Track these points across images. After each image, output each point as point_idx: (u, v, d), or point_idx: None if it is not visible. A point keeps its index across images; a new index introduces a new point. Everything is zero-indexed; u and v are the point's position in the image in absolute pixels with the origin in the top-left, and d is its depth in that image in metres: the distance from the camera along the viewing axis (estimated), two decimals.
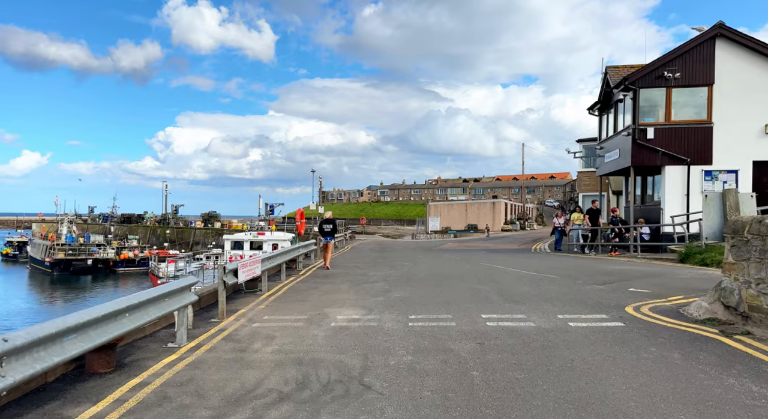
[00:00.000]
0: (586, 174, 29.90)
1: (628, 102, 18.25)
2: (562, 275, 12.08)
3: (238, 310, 8.53)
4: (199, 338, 6.60)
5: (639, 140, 17.65)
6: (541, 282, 10.95)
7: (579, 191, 30.51)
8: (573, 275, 12.03)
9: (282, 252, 11.97)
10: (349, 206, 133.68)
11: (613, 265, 13.95)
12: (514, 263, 15.82)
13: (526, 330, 6.74)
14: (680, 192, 17.31)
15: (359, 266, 16.07)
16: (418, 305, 8.58)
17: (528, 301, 8.75)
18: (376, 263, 17.19)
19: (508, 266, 14.46)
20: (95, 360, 5.09)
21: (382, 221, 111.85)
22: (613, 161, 20.05)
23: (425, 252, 23.97)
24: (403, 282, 11.60)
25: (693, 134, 17.22)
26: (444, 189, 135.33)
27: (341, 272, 14.27)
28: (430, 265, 15.90)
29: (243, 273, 8.38)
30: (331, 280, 12.33)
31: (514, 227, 59.06)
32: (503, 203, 59.92)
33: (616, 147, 19.58)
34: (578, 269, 13.36)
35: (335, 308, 8.55)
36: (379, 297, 9.53)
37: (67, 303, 42.54)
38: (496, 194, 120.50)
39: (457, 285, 10.84)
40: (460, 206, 59.49)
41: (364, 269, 14.83)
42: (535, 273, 12.51)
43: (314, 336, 6.60)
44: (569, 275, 12.03)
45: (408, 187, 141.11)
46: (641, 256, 15.97)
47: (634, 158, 17.81)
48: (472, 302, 8.74)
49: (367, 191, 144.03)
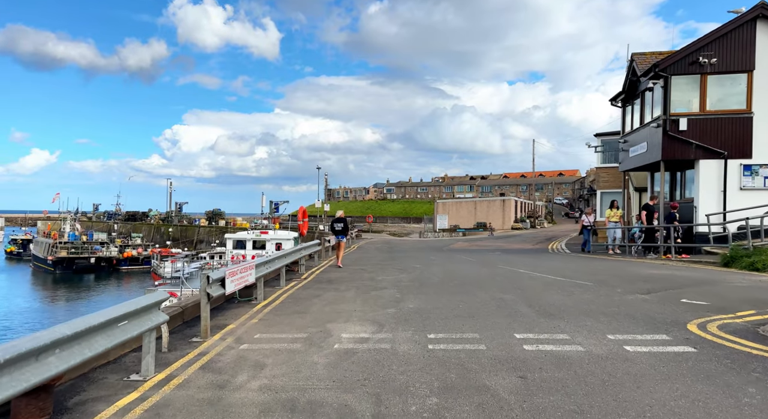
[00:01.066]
0: (604, 170, 28.43)
1: (658, 91, 16.83)
2: (594, 281, 10.75)
3: (226, 325, 7.30)
4: (172, 366, 5.37)
5: (670, 132, 16.22)
6: (572, 290, 9.63)
7: (597, 188, 29.05)
8: (607, 281, 10.70)
9: (281, 255, 10.73)
10: (355, 203, 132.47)
11: (648, 269, 12.59)
12: (535, 265, 14.50)
13: (574, 356, 5.45)
14: (716, 189, 15.88)
15: (366, 268, 14.82)
16: (436, 320, 7.31)
17: (565, 315, 7.45)
18: (384, 265, 15.93)
19: (530, 270, 13.15)
20: (23, 406, 3.87)
21: (388, 219, 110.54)
22: (639, 155, 18.63)
23: (436, 253, 22.67)
24: (416, 289, 10.33)
25: (730, 125, 15.78)
26: (451, 187, 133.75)
27: (347, 276, 13.02)
28: (443, 268, 14.62)
29: (232, 282, 7.15)
30: (335, 286, 11.09)
31: (525, 226, 57.58)
32: (513, 201, 58.44)
33: (643, 140, 18.16)
34: (610, 273, 12.02)
35: (340, 322, 7.30)
36: (390, 309, 8.27)
37: (69, 303, 41.71)
38: (504, 191, 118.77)
39: (478, 293, 9.55)
40: (469, 204, 58.09)
41: (371, 273, 13.58)
42: (563, 279, 11.19)
43: (313, 365, 5.35)
44: (602, 281, 10.70)
45: (414, 184, 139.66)
46: (675, 258, 14.58)
47: (664, 152, 16.39)
48: (500, 316, 7.45)
49: (374, 188, 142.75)
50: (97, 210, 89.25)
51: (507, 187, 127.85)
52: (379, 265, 15.95)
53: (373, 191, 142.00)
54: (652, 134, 17.30)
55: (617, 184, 28.19)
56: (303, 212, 14.11)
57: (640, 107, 18.88)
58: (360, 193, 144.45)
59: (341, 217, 15.57)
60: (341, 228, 15.07)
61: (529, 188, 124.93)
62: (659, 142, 16.57)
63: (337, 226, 15.08)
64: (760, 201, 15.04)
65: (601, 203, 28.76)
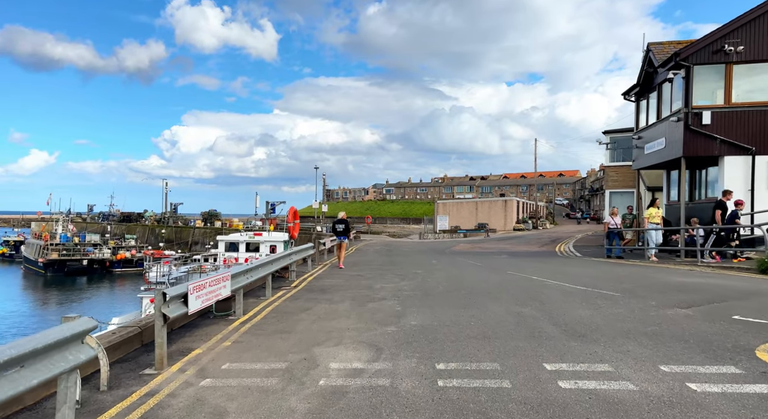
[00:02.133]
0: (614, 169, 27.21)
1: (678, 82, 15.60)
2: (620, 290, 9.51)
3: (191, 349, 6.05)
4: (104, 414, 4.12)
5: (692, 126, 15.00)
6: (598, 302, 8.39)
7: (606, 187, 27.83)
8: (634, 290, 9.46)
9: (265, 262, 9.48)
10: (354, 204, 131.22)
11: (676, 276, 11.35)
12: (548, 271, 13.26)
13: (628, 399, 4.20)
14: (742, 187, 14.66)
15: (363, 274, 13.57)
16: (445, 342, 6.07)
17: (599, 336, 6.21)
18: (383, 270, 14.68)
19: (543, 276, 11.90)
20: None
21: (387, 220, 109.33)
22: (656, 152, 17.41)
23: (438, 256, 21.42)
24: (419, 300, 9.09)
25: (758, 118, 14.56)
26: (450, 187, 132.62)
27: (342, 283, 11.78)
28: (447, 274, 13.37)
29: (197, 299, 5.89)
30: (328, 296, 9.84)
31: (527, 227, 56.34)
32: (515, 202, 57.23)
33: (661, 136, 16.94)
34: (635, 281, 10.78)
35: (329, 346, 6.06)
36: (390, 326, 7.03)
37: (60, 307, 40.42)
38: (504, 192, 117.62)
39: (491, 306, 8.30)
40: (470, 205, 56.87)
41: (369, 279, 12.34)
42: (584, 288, 9.94)
43: (290, 413, 4.10)
44: (629, 291, 9.46)
45: (414, 185, 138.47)
46: (702, 263, 13.33)
47: (686, 148, 15.16)
48: (522, 338, 6.21)
49: (373, 189, 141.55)
50: (91, 211, 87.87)
51: (507, 187, 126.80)
52: (378, 270, 14.70)
53: (372, 192, 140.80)
54: (671, 129, 16.08)
55: (627, 183, 26.98)
56: (293, 213, 12.85)
57: (657, 100, 17.66)
58: (359, 194, 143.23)
59: (343, 218, 15.62)
60: (342, 229, 15.28)
61: (529, 188, 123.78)
62: (680, 137, 15.35)
63: (339, 227, 15.32)
64: None
65: (609, 202, 27.53)
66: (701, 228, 14.27)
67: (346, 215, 16.58)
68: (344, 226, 15.37)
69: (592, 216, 79.56)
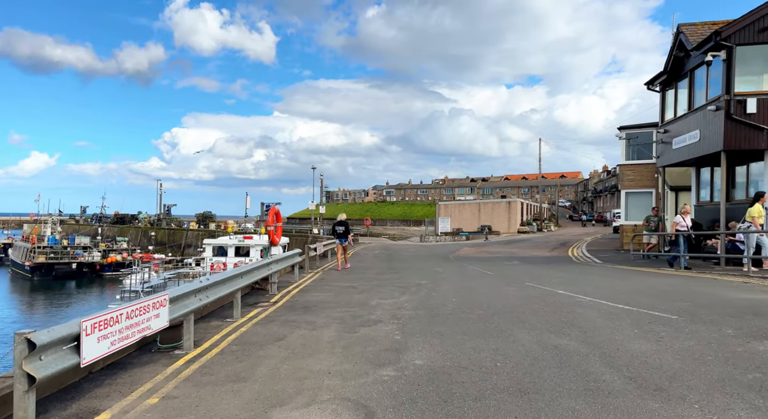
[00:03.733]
0: (630, 167, 25.30)
1: (717, 66, 13.72)
2: (675, 310, 7.60)
3: (96, 413, 4.14)
4: None
5: (735, 116, 13.11)
6: (657, 330, 6.49)
7: (621, 188, 25.92)
8: (695, 311, 7.55)
9: (230, 276, 7.56)
10: (354, 206, 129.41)
11: (731, 291, 9.43)
12: (572, 282, 11.36)
13: None
14: None
15: (357, 286, 11.67)
16: (466, 401, 4.18)
17: (685, 389, 4.32)
18: (380, 280, 12.78)
19: (571, 290, 10.00)
20: None
21: (388, 222, 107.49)
22: (687, 146, 15.51)
23: (442, 262, 19.52)
24: (425, 324, 7.19)
25: None
26: (451, 189, 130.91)
27: (330, 298, 9.88)
28: (455, 285, 11.46)
29: (100, 342, 3.98)
30: (311, 318, 7.93)
31: (531, 229, 54.45)
32: (519, 203, 55.35)
33: (694, 128, 15.04)
34: (685, 297, 8.87)
35: (296, 407, 4.16)
36: (387, 369, 5.13)
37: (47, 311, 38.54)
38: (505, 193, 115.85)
39: (518, 334, 6.40)
40: (473, 206, 54.96)
41: (363, 293, 10.44)
42: (627, 307, 8.03)
43: None
44: (688, 311, 7.55)
45: (414, 187, 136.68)
46: (752, 273, 11.39)
47: (726, 140, 13.27)
48: (575, 393, 4.31)
49: (373, 191, 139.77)
50: (84, 213, 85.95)
51: (508, 189, 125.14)
52: (375, 280, 12.80)
53: (372, 194, 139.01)
54: (707, 120, 14.19)
55: (644, 183, 25.09)
56: (275, 214, 10.78)
57: (688, 88, 15.77)
58: (359, 195, 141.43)
59: (343, 220, 15.46)
60: (342, 231, 15.16)
61: (531, 190, 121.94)
62: (720, 128, 13.46)
63: (339, 229, 15.20)
64: None
65: (626, 203, 25.65)
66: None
67: (346, 216, 16.11)
68: (344, 228, 15.22)
69: (597, 218, 77.87)
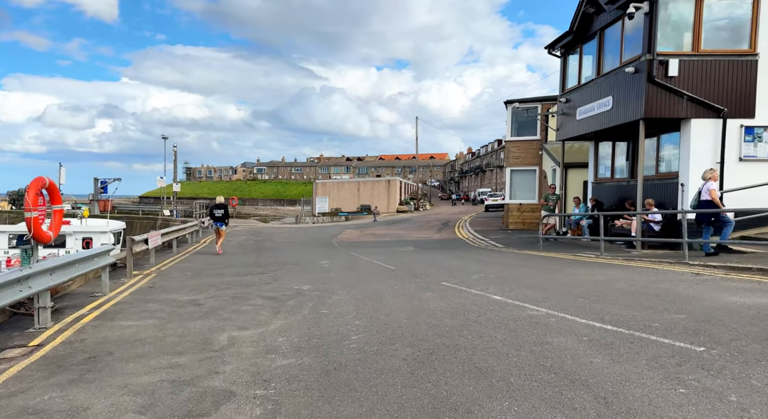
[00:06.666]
0: (516, 144, 24.25)
1: (638, 22, 12.11)
2: (682, 331, 5.18)
3: None
4: None
5: (657, 79, 11.60)
6: (704, 381, 3.85)
7: (506, 165, 24.88)
8: (707, 331, 5.17)
9: None
10: (220, 184, 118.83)
11: (709, 291, 7.47)
12: (502, 280, 8.76)
13: None
14: (710, 159, 11.70)
15: (202, 300, 7.67)
16: None
17: None
18: (242, 286, 8.86)
19: (512, 296, 7.31)
20: None
21: (259, 201, 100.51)
22: (598, 116, 14.00)
23: (326, 250, 16.05)
24: (319, 403, 3.67)
25: (729, 71, 11.64)
26: (327, 168, 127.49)
27: (147, 333, 5.83)
28: (354, 293, 8.08)
29: None
30: (81, 398, 3.88)
31: (409, 208, 53.68)
32: (398, 182, 54.06)
33: (606, 94, 13.50)
34: (663, 302, 6.63)
35: None
36: None
37: None
38: (380, 173, 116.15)
39: (487, 407, 3.21)
40: (352, 185, 52.21)
41: (208, 318, 6.54)
42: (614, 328, 5.44)
43: None
44: (697, 331, 5.15)
45: (288, 164, 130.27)
46: (692, 262, 9.80)
47: (648, 107, 11.76)
48: None
49: (242, 168, 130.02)
50: None
51: (383, 169, 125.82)
52: (233, 287, 8.86)
53: (241, 171, 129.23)
54: (624, 84, 12.63)
55: (530, 160, 24.26)
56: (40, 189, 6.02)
57: (597, 50, 14.20)
58: (226, 173, 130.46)
59: (221, 203, 15.12)
60: (222, 214, 14.78)
61: (404, 169, 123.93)
62: (640, 93, 11.90)
63: (217, 212, 14.81)
64: (762, 176, 11.17)
65: (511, 182, 24.70)
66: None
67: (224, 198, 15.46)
68: (224, 211, 14.79)
69: (463, 197, 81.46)
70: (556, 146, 21.88)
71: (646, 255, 11.16)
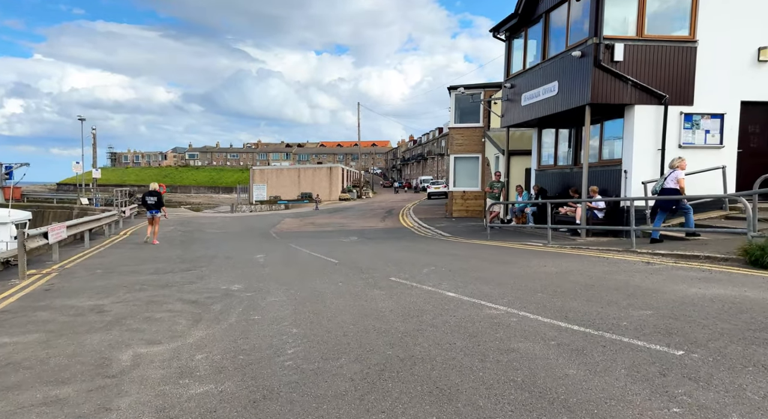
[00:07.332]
0: (460, 130, 23.97)
1: (584, 4, 11.85)
2: (652, 329, 4.77)
3: None
4: None
5: (603, 63, 11.42)
6: (683, 397, 3.34)
7: (451, 152, 24.57)
8: (679, 330, 4.78)
9: None
10: (149, 170, 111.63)
11: (668, 282, 7.23)
12: (454, 274, 8.17)
13: None
14: (653, 146, 11.76)
15: (108, 306, 6.46)
16: None
17: None
18: (159, 286, 7.66)
19: (467, 292, 6.72)
20: None
21: (192, 189, 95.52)
22: (542, 101, 13.75)
23: (262, 241, 14.88)
24: None
25: (670, 57, 11.67)
26: (266, 154, 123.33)
27: (29, 354, 4.64)
28: (291, 293, 7.15)
29: None
30: None
31: (352, 196, 52.76)
32: (340, 169, 52.89)
33: (552, 79, 13.25)
34: (624, 296, 6.27)
35: None
36: None
37: None
38: (322, 160, 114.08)
39: None
40: (292, 172, 50.41)
41: (111, 329, 5.43)
42: (581, 328, 4.95)
43: None
44: (669, 330, 4.75)
45: (223, 150, 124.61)
46: (640, 251, 9.71)
47: (594, 92, 11.57)
48: None
49: (173, 154, 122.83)
50: None
51: (325, 155, 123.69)
52: (149, 288, 7.64)
53: (172, 157, 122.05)
54: (570, 69, 12.40)
55: (474, 147, 24.10)
56: None
57: (543, 34, 13.91)
58: (156, 158, 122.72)
59: (154, 190, 14.82)
60: (155, 202, 14.44)
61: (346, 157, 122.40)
62: (586, 78, 11.68)
63: (150, 199, 14.46)
64: (699, 163, 11.35)
65: (455, 169, 24.45)
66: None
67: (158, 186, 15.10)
68: (157, 198, 14.46)
69: (405, 185, 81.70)
70: (498, 133, 21.79)
71: (592, 243, 11.04)
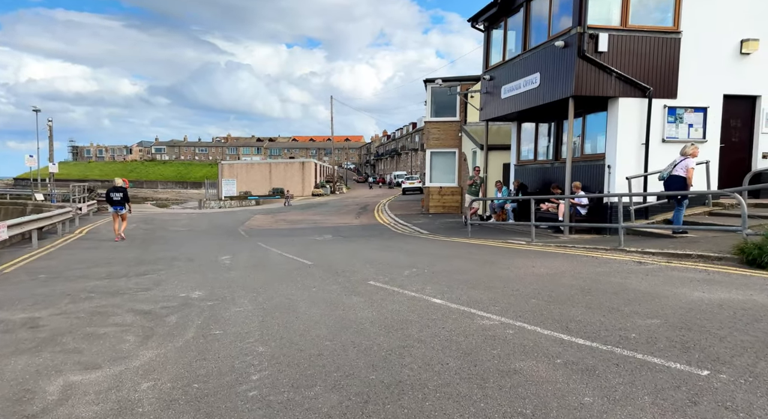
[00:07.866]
0: (436, 125, 23.44)
1: None
2: (667, 342, 4.30)
3: None
4: None
5: (588, 54, 11.00)
6: None
7: (427, 147, 24.01)
8: (697, 343, 4.31)
9: None
10: (113, 165, 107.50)
11: (667, 285, 6.81)
12: (438, 276, 7.59)
13: None
14: (636, 140, 11.44)
15: (45, 319, 5.60)
16: None
17: None
18: (110, 293, 6.80)
19: (454, 299, 6.13)
20: None
21: (159, 184, 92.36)
22: (524, 93, 13.29)
23: (229, 241, 13.98)
24: None
25: (655, 48, 11.35)
26: (236, 148, 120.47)
27: None
28: (258, 302, 6.41)
29: None
30: None
31: (325, 192, 51.81)
32: (313, 164, 51.80)
33: (533, 70, 12.79)
34: (626, 301, 5.81)
35: None
36: None
37: None
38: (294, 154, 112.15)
39: None
40: (263, 167, 49.03)
41: (39, 352, 4.59)
42: (587, 342, 4.45)
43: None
44: (686, 344, 4.28)
45: (191, 144, 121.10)
46: (629, 249, 9.33)
47: (578, 83, 11.15)
48: None
49: (138, 148, 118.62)
50: None
51: (297, 150, 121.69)
52: (95, 297, 6.76)
53: (137, 151, 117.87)
54: (552, 60, 11.95)
55: (450, 142, 23.63)
56: None
57: (523, 24, 13.44)
58: (120, 152, 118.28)
59: (119, 186, 14.44)
60: (120, 198, 14.15)
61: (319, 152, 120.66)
62: (570, 69, 11.25)
63: (115, 195, 14.15)
64: None
65: (431, 164, 23.93)
66: None
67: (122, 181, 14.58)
68: (122, 194, 14.22)
69: (379, 180, 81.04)
70: (475, 127, 21.36)
71: (576, 241, 10.64)
